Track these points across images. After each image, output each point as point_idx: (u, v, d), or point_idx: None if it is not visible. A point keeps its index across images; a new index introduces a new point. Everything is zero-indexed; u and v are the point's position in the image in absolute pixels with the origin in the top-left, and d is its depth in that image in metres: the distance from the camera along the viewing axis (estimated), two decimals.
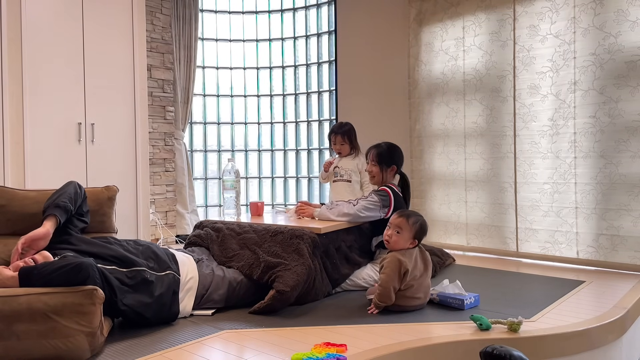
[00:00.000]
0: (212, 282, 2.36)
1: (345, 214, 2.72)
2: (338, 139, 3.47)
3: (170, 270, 2.23)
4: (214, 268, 2.45)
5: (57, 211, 2.09)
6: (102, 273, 1.94)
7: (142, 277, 2.09)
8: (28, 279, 1.77)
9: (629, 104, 3.10)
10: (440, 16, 4.02)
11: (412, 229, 2.36)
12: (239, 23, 5.27)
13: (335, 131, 3.51)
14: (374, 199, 2.71)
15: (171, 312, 2.19)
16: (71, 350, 1.72)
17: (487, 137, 3.78)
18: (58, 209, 2.10)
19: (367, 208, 2.70)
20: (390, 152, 2.85)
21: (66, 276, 1.75)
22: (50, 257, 1.96)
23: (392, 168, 2.84)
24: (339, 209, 2.74)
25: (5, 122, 3.27)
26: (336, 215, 2.74)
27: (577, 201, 3.33)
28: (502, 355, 1.53)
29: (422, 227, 2.40)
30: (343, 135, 3.46)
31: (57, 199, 2.14)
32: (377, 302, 2.29)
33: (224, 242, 2.69)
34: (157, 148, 4.60)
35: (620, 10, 3.12)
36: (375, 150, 2.86)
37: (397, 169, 2.86)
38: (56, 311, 1.69)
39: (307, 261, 2.41)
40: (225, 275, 2.42)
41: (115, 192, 2.43)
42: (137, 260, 2.13)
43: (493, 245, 3.76)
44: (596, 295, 2.63)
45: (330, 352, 1.76)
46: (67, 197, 2.16)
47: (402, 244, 2.36)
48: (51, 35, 3.48)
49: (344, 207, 2.73)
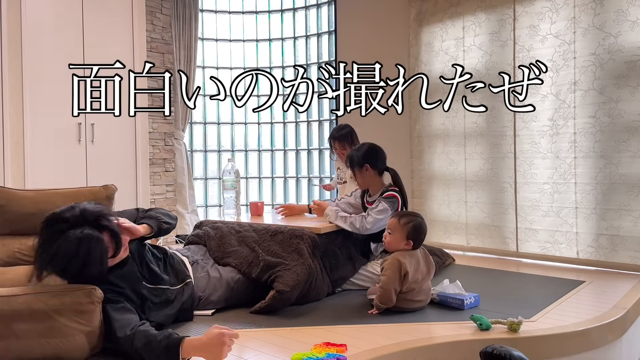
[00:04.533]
0: (207, 285, 2.35)
1: (356, 228, 2.68)
2: (337, 145, 3.48)
3: (187, 278, 2.26)
4: (209, 270, 2.44)
5: (155, 227, 2.14)
6: (139, 292, 1.97)
7: (166, 297, 2.11)
8: None
9: (629, 104, 3.10)
10: (440, 16, 4.02)
11: (403, 229, 2.34)
12: (239, 23, 5.27)
13: (334, 136, 3.51)
14: (383, 206, 2.66)
15: (190, 314, 2.24)
16: (71, 350, 1.72)
17: (487, 137, 3.78)
18: (158, 227, 2.16)
19: (377, 220, 2.64)
20: (360, 154, 2.80)
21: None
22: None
23: (366, 167, 2.79)
24: (350, 220, 2.70)
25: (5, 122, 3.27)
26: (348, 225, 2.70)
27: (577, 201, 3.33)
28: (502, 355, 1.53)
29: (416, 228, 2.35)
30: (341, 140, 3.46)
31: (162, 219, 2.21)
32: (378, 304, 2.29)
33: (223, 238, 2.68)
34: (157, 148, 4.60)
35: (620, 10, 3.12)
36: (348, 156, 2.87)
37: (372, 167, 2.78)
38: (55, 310, 1.68)
39: (307, 261, 2.41)
40: (222, 276, 2.41)
41: (114, 191, 2.43)
42: (163, 278, 2.14)
43: (493, 245, 3.76)
44: (596, 295, 2.63)
45: (330, 352, 1.76)
46: (165, 224, 2.21)
47: (395, 245, 2.36)
48: (51, 35, 3.48)
49: (356, 221, 2.68)
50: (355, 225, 2.67)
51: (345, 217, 2.73)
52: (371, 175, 2.80)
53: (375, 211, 2.66)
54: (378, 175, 2.82)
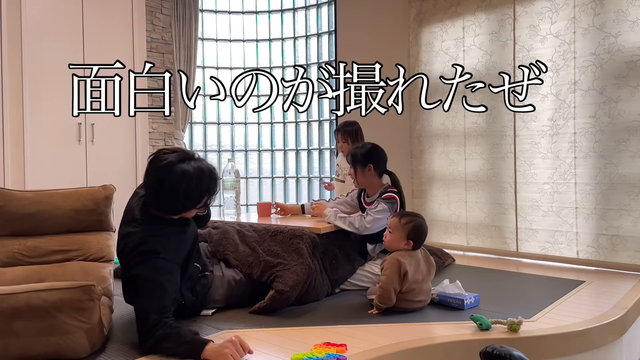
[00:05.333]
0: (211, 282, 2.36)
1: (355, 227, 2.68)
2: (340, 137, 3.48)
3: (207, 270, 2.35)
4: (213, 268, 2.45)
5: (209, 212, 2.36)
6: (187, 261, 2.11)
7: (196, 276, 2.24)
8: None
9: (629, 104, 3.10)
10: (440, 16, 4.02)
11: (404, 229, 2.34)
12: (239, 23, 5.27)
13: (338, 129, 3.53)
14: (383, 206, 2.66)
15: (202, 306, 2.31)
16: (71, 347, 1.72)
17: (487, 137, 3.78)
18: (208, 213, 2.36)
19: (377, 219, 2.64)
20: (364, 152, 2.80)
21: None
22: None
23: (369, 167, 2.79)
24: (350, 220, 2.70)
25: (5, 122, 3.27)
26: (347, 225, 2.70)
27: (577, 201, 3.33)
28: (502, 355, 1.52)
29: (416, 228, 2.35)
30: (344, 133, 3.46)
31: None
32: (378, 304, 2.29)
33: (225, 233, 2.68)
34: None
35: (620, 10, 3.12)
36: (350, 153, 2.86)
37: (375, 168, 2.78)
38: (55, 307, 1.68)
39: (307, 261, 2.40)
40: (224, 275, 2.42)
41: (112, 191, 2.43)
42: (200, 258, 2.30)
43: (493, 245, 3.76)
44: (596, 295, 2.63)
45: (330, 352, 1.76)
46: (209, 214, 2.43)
47: (395, 244, 2.36)
48: (51, 35, 3.48)
49: (355, 221, 2.68)
50: (354, 225, 2.67)
51: (344, 217, 2.73)
52: (372, 176, 2.81)
53: (374, 211, 2.66)
54: (379, 176, 2.83)
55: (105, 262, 2.28)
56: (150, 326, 1.78)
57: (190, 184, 1.95)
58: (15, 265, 2.17)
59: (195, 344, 1.73)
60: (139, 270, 1.89)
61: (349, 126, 3.49)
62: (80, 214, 2.31)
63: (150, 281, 1.86)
